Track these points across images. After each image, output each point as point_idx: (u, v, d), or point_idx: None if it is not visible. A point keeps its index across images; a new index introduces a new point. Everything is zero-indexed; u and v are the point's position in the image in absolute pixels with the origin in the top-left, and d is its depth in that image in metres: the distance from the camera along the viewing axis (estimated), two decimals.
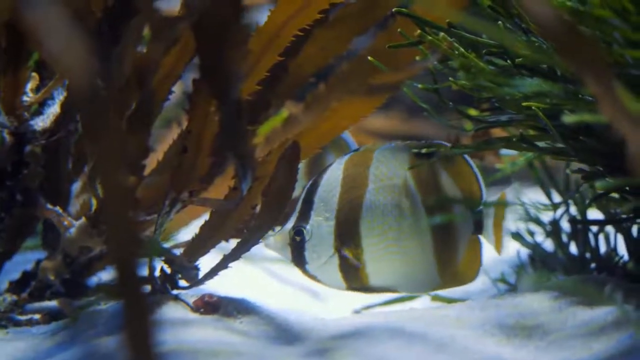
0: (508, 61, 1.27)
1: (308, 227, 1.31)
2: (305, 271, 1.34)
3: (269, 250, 1.35)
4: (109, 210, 0.68)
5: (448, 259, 1.31)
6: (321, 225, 1.31)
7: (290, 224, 1.32)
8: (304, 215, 1.31)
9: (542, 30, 0.75)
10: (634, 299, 1.18)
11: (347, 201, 1.30)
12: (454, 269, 1.32)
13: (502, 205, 1.32)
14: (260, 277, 2.02)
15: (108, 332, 1.17)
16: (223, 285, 1.56)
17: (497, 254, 1.34)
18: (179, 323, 1.20)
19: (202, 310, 1.27)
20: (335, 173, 1.31)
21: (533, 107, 1.22)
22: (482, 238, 1.34)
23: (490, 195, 1.74)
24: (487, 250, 1.95)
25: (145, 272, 1.35)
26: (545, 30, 0.75)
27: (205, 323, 1.21)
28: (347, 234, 1.30)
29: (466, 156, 1.33)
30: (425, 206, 1.30)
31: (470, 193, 1.32)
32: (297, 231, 1.31)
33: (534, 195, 1.73)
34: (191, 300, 1.29)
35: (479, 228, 1.33)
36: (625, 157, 0.84)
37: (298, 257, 1.33)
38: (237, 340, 1.16)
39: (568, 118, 0.98)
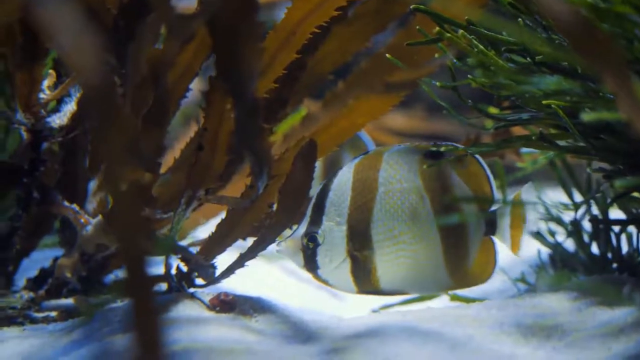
0: (528, 59, 1.26)
1: (320, 232, 1.30)
2: (317, 276, 1.33)
3: (281, 255, 1.34)
4: (117, 209, 0.68)
5: (459, 260, 1.30)
6: (333, 230, 1.30)
7: (301, 230, 1.31)
8: (316, 220, 1.30)
9: (558, 26, 0.74)
10: None
11: (358, 205, 1.29)
12: (466, 270, 1.31)
13: (517, 205, 1.31)
14: (279, 275, 2.01)
15: (123, 330, 1.17)
16: (241, 283, 1.56)
17: (514, 254, 1.32)
18: (194, 321, 1.20)
19: (217, 308, 1.27)
20: (345, 177, 1.30)
21: (553, 105, 1.20)
22: (497, 238, 1.33)
23: (509, 195, 1.73)
24: (508, 250, 1.93)
25: (161, 270, 1.35)
26: (561, 27, 0.74)
27: (220, 321, 1.21)
28: (359, 238, 1.30)
29: (477, 156, 1.32)
30: (435, 208, 1.29)
31: (481, 194, 1.31)
32: (311, 237, 1.30)
33: (556, 195, 1.71)
34: (207, 299, 1.29)
35: (492, 229, 1.32)
36: None
37: (310, 263, 1.31)
38: (252, 338, 1.15)
39: (587, 116, 0.97)
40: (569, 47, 1.13)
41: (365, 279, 1.31)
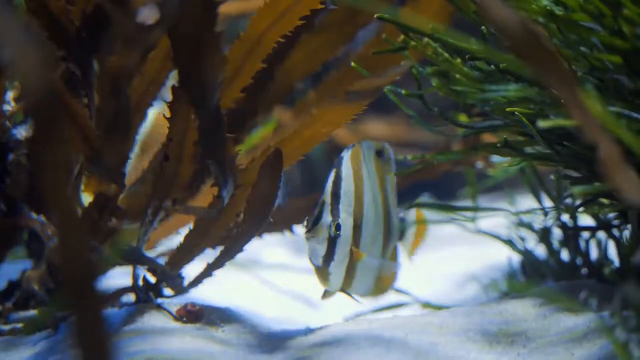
0: (492, 66, 1.26)
1: (340, 221, 1.22)
2: (324, 269, 1.23)
3: (307, 242, 1.23)
4: (58, 232, 0.67)
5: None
6: (347, 221, 1.23)
7: (326, 218, 1.21)
8: (335, 209, 1.22)
9: (504, 35, 0.74)
10: (612, 304, 1.17)
11: (357, 197, 1.25)
12: (382, 277, 1.31)
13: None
14: (254, 284, 2.01)
15: None
16: (214, 292, 1.56)
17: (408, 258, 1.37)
18: (158, 332, 1.20)
19: (184, 319, 1.26)
20: (349, 167, 1.25)
21: (516, 113, 1.21)
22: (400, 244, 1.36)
23: (482, 202, 1.74)
24: (481, 256, 1.94)
25: (129, 281, 1.35)
26: (507, 36, 0.74)
27: (185, 332, 1.21)
28: (356, 232, 1.25)
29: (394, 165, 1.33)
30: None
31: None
32: (337, 225, 1.21)
33: (527, 202, 1.72)
34: (175, 309, 1.29)
35: (401, 235, 1.36)
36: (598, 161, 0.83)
37: (329, 254, 1.22)
38: (216, 349, 1.15)
39: (543, 123, 0.97)
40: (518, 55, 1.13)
41: (348, 277, 1.26)
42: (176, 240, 1.57)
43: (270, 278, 2.03)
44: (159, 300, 1.34)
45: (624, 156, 0.83)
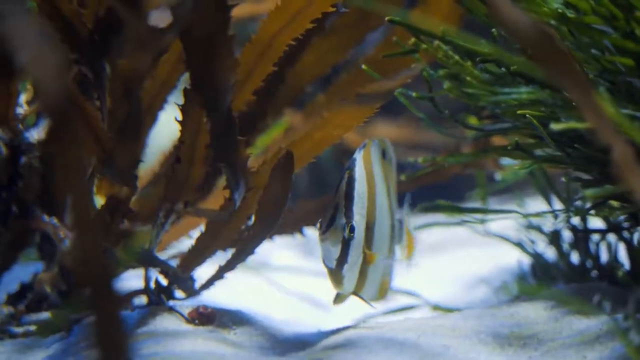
0: (503, 69, 1.26)
1: (354, 223, 1.20)
2: (337, 272, 1.21)
3: (321, 244, 1.20)
4: (75, 230, 0.67)
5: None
6: (360, 223, 1.21)
7: (341, 220, 1.19)
8: (348, 211, 1.20)
9: (516, 37, 0.74)
10: (626, 307, 1.17)
11: (370, 199, 1.24)
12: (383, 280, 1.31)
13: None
14: (263, 286, 2.01)
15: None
16: (225, 295, 1.56)
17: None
18: (171, 334, 1.20)
19: (196, 321, 1.26)
20: (360, 167, 1.23)
21: (527, 115, 1.21)
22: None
23: (491, 204, 1.74)
24: (491, 259, 1.94)
25: (141, 283, 1.35)
26: (520, 38, 0.74)
27: (197, 334, 1.21)
28: (368, 235, 1.23)
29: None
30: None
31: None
32: (352, 227, 1.19)
33: (537, 204, 1.72)
34: (187, 312, 1.29)
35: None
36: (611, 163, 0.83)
37: (342, 256, 1.20)
38: (228, 351, 1.16)
39: (556, 125, 0.97)
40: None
41: (359, 280, 1.24)
42: (188, 242, 1.58)
43: (281, 280, 2.03)
44: (171, 302, 1.35)
45: (637, 158, 0.83)
